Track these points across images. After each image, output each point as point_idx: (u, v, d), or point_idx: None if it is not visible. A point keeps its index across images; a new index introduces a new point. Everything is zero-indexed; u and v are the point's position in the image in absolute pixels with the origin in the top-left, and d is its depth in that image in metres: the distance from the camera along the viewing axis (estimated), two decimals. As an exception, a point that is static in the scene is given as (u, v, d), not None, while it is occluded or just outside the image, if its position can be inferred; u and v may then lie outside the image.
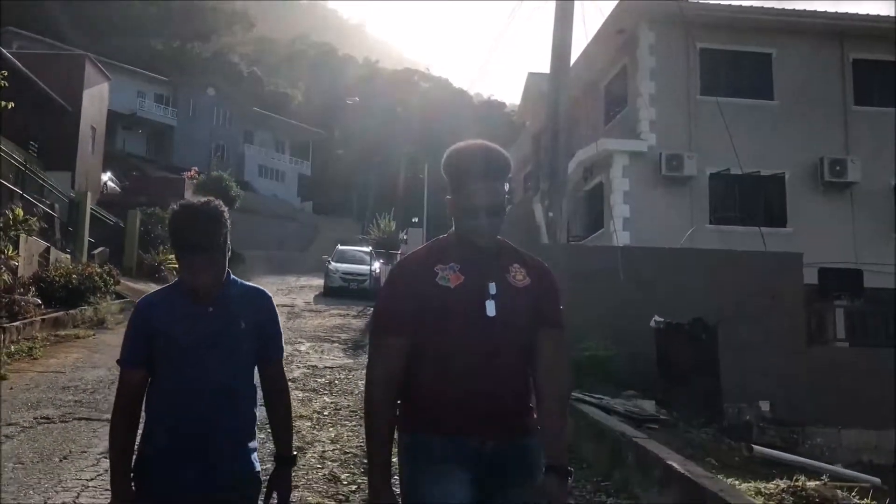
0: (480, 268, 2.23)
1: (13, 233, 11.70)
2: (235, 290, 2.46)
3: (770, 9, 16.69)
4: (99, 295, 13.82)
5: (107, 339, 11.29)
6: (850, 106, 16.38)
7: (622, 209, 15.46)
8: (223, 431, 2.34)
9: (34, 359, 9.33)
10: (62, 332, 11.32)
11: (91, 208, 18.95)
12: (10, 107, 10.31)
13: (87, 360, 9.48)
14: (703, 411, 8.56)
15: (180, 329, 2.34)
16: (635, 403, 7.75)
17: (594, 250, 13.30)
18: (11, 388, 7.55)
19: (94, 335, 11.63)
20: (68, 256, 15.65)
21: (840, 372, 9.63)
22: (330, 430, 6.69)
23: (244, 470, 2.40)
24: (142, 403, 2.40)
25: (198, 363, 2.32)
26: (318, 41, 76.81)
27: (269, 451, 3.78)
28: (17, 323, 10.22)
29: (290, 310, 16.22)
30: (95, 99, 25.91)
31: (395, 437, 2.25)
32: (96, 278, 13.83)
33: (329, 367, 9.97)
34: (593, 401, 7.11)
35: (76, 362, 9.33)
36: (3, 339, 9.44)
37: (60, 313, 11.92)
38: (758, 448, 7.78)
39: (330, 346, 11.92)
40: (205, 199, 2.39)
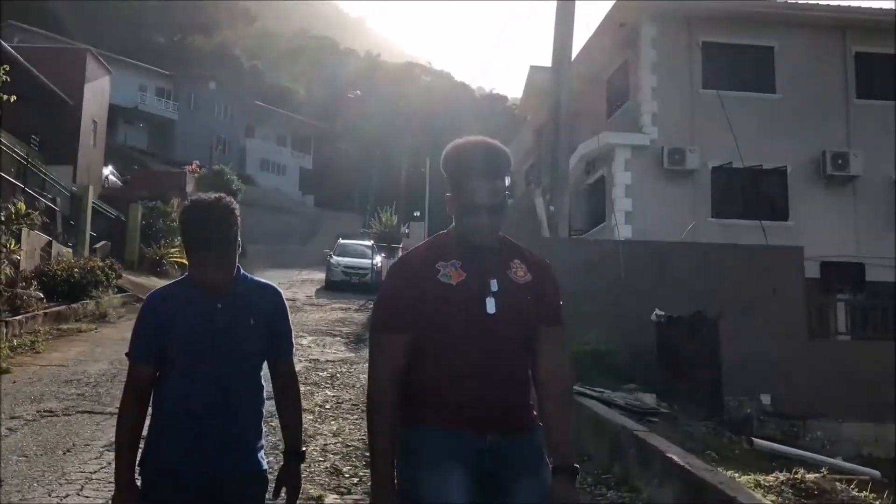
0: (482, 265, 2.22)
1: (15, 227, 11.75)
2: (245, 285, 2.45)
3: (772, 2, 16.66)
4: (101, 289, 13.87)
5: (109, 332, 11.33)
6: (852, 99, 16.32)
7: (624, 203, 15.43)
8: (230, 427, 2.34)
9: (37, 352, 9.37)
10: (64, 326, 11.36)
11: (92, 202, 18.95)
12: (11, 101, 10.34)
13: (89, 354, 9.52)
14: (704, 405, 8.58)
15: (190, 324, 2.33)
16: (636, 397, 7.77)
17: (596, 244, 13.32)
18: (14, 382, 7.59)
19: (96, 329, 11.68)
20: (70, 250, 15.69)
21: (841, 365, 9.63)
22: (332, 423, 6.72)
23: (250, 467, 2.39)
24: (150, 398, 2.39)
25: (207, 358, 2.32)
26: (320, 35, 76.68)
27: (272, 445, 3.83)
28: (19, 317, 10.27)
29: (291, 303, 16.08)
30: (97, 93, 25.89)
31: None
32: (98, 272, 13.88)
33: (331, 361, 10.01)
34: (594, 394, 7.13)
35: (79, 356, 9.37)
36: (6, 333, 9.48)
37: (62, 307, 11.97)
38: (758, 441, 7.80)
39: (332, 339, 11.95)
40: (216, 196, 2.38)
